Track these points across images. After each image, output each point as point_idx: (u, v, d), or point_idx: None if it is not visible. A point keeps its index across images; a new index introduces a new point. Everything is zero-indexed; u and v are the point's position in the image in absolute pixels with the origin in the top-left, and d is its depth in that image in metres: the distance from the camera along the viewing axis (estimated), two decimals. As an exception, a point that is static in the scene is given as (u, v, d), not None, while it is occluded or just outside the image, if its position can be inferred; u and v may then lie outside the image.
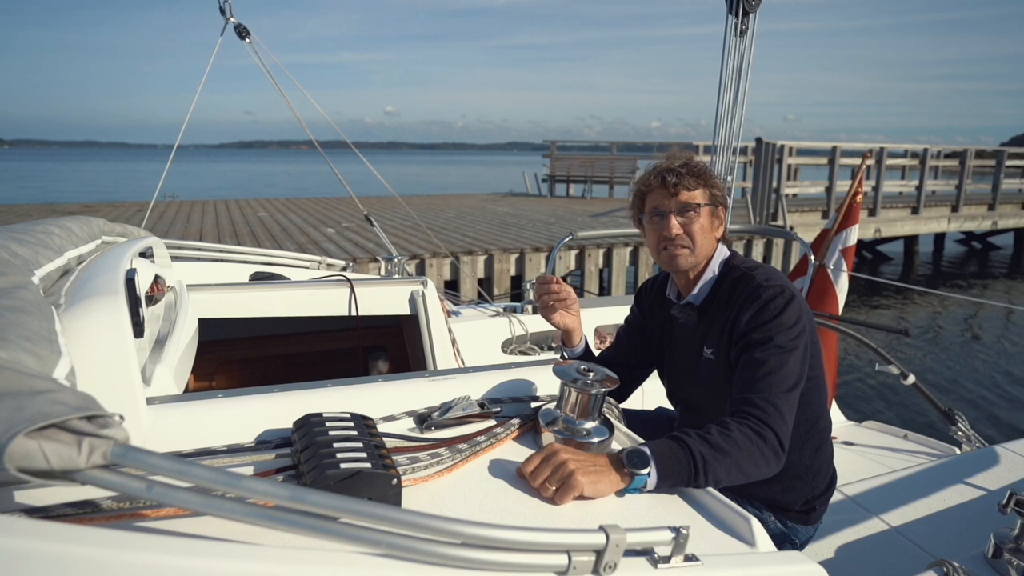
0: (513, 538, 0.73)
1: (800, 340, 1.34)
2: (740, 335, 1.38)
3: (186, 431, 1.02)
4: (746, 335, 1.37)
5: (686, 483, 1.09)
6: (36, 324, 0.83)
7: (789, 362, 1.31)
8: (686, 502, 1.04)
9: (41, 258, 1.19)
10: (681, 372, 1.61)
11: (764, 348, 1.32)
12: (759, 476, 1.21)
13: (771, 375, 1.29)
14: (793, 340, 1.33)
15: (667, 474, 1.06)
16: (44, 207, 12.76)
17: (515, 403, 1.28)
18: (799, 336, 1.34)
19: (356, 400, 1.15)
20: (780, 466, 1.24)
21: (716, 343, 1.46)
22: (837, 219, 3.44)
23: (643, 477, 1.04)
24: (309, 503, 0.68)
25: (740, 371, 1.34)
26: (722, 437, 1.17)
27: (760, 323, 1.35)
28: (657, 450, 1.08)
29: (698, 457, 1.10)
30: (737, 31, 2.70)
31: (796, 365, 1.32)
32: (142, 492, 0.65)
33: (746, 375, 1.32)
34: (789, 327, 1.34)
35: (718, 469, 1.11)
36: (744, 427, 1.21)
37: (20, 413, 0.61)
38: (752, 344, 1.34)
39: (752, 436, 1.20)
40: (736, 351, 1.39)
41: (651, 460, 1.06)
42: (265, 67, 3.43)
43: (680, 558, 0.82)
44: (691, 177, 1.46)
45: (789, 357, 1.32)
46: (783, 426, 1.25)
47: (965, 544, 1.59)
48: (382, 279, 2.39)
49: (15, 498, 0.79)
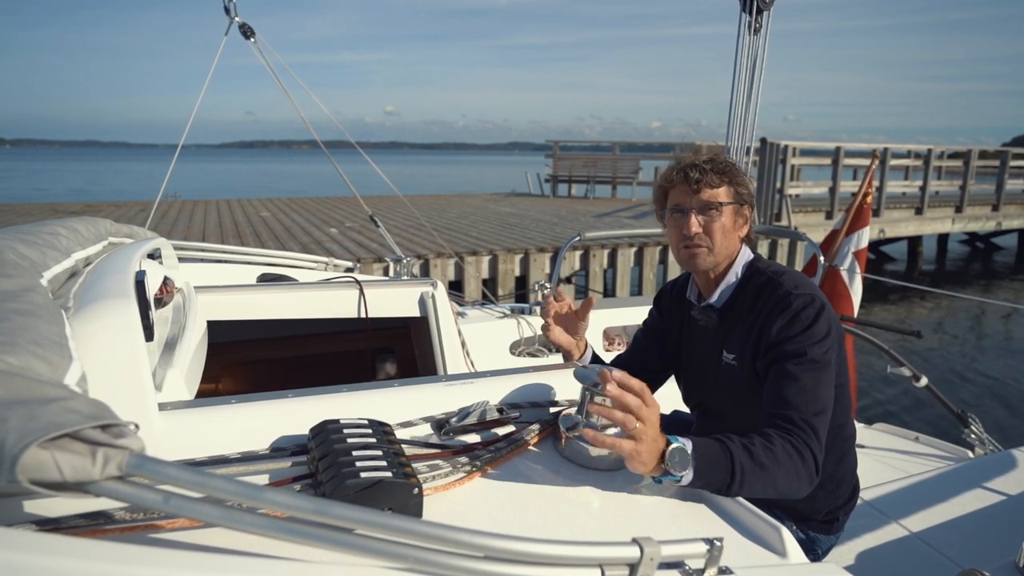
0: (542, 551, 0.71)
1: (832, 353, 1.31)
2: (770, 345, 1.33)
3: (199, 438, 0.99)
4: (777, 346, 1.32)
5: (716, 490, 1.06)
6: (46, 328, 0.80)
7: (823, 379, 1.28)
8: (714, 512, 1.02)
9: (48, 260, 1.16)
10: (698, 375, 1.57)
11: (798, 362, 1.28)
12: (790, 496, 1.18)
13: (807, 392, 1.25)
14: (826, 353, 1.29)
15: (702, 475, 1.04)
16: (46, 207, 12.75)
17: (534, 408, 1.25)
18: (831, 348, 1.31)
19: (371, 405, 1.13)
20: (812, 488, 1.20)
21: (739, 349, 1.42)
22: (846, 221, 3.41)
23: (675, 478, 1.03)
24: (331, 516, 0.65)
25: (772, 383, 1.30)
26: (765, 452, 1.13)
27: (792, 335, 1.31)
28: (699, 450, 1.06)
29: (737, 469, 1.07)
30: (751, 29, 2.66)
31: (830, 380, 1.29)
32: (158, 504, 0.62)
33: (780, 389, 1.27)
34: (822, 339, 1.30)
35: (754, 483, 1.08)
36: (788, 445, 1.18)
37: (32, 422, 0.58)
38: (785, 356, 1.30)
39: (794, 455, 1.17)
40: (766, 362, 1.34)
41: (691, 463, 1.03)
42: (270, 67, 3.41)
43: (714, 570, 0.79)
44: (715, 174, 1.40)
45: (823, 374, 1.28)
46: (820, 448, 1.22)
47: (990, 551, 1.56)
48: (391, 280, 2.37)
49: (25, 508, 0.76)
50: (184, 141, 3.48)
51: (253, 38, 3.39)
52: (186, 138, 3.48)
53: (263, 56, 3.39)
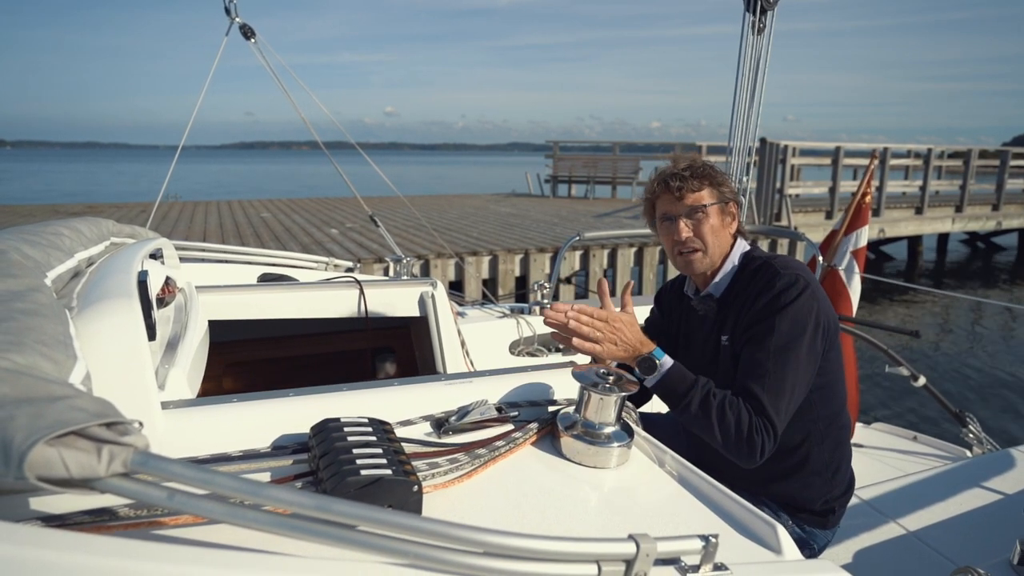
0: (540, 547, 0.72)
1: (810, 329, 1.34)
2: (751, 321, 1.38)
3: (201, 436, 1.00)
4: (756, 322, 1.37)
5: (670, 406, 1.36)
6: (51, 328, 0.81)
7: (793, 358, 1.32)
8: (711, 509, 1.03)
9: (52, 260, 1.17)
10: (698, 362, 1.59)
11: (771, 337, 1.34)
12: (723, 452, 1.32)
13: (775, 371, 1.32)
14: (802, 333, 1.33)
15: (661, 385, 1.34)
16: (48, 207, 12.76)
17: (532, 407, 1.26)
18: (810, 331, 1.34)
19: (371, 404, 1.14)
20: (755, 460, 1.31)
21: (731, 330, 1.46)
22: (845, 220, 3.41)
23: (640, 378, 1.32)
24: (333, 512, 0.66)
25: (746, 357, 1.35)
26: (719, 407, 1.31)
27: (773, 309, 1.35)
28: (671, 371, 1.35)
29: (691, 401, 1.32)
30: (755, 29, 2.66)
31: (801, 361, 1.33)
32: (162, 500, 0.63)
33: (752, 363, 1.34)
34: (801, 317, 1.34)
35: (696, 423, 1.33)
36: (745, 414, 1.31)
37: (39, 420, 0.60)
38: (761, 333, 1.35)
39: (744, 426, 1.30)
40: (745, 336, 1.39)
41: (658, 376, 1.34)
42: (270, 67, 3.42)
43: (709, 567, 0.80)
44: (695, 179, 1.45)
45: (794, 353, 1.32)
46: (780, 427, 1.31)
47: (986, 550, 1.57)
48: (391, 280, 2.38)
49: (31, 505, 0.77)
50: (184, 142, 3.48)
51: (253, 39, 3.40)
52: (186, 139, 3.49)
53: (263, 57, 3.40)
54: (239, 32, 3.36)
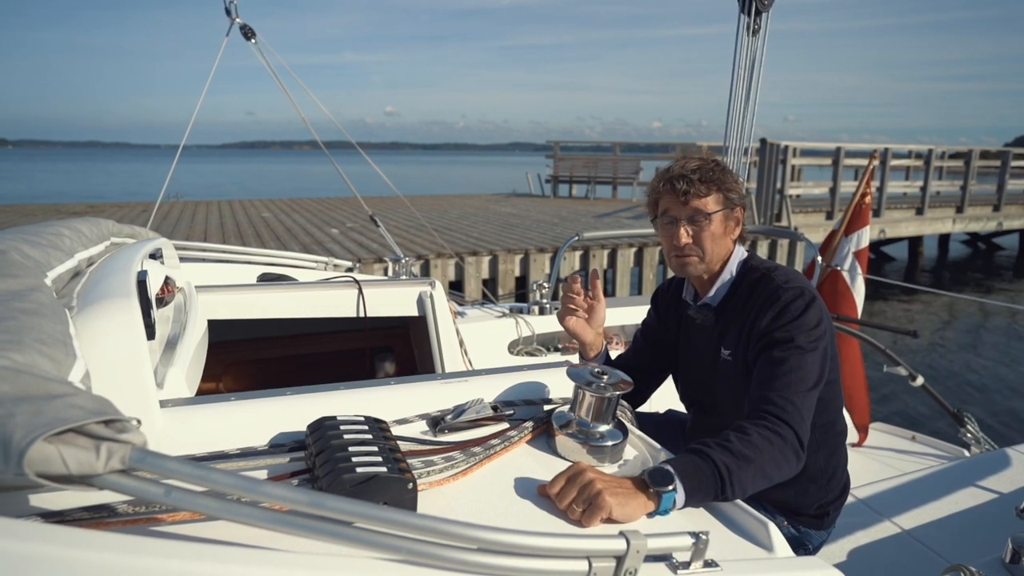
0: (532, 543, 0.73)
1: (821, 342, 1.33)
2: (760, 335, 1.37)
3: (199, 434, 1.01)
4: (766, 335, 1.35)
5: (714, 497, 1.06)
6: (51, 327, 0.82)
7: (808, 362, 1.30)
8: (703, 507, 1.04)
9: (52, 260, 1.18)
10: (697, 373, 1.60)
11: (784, 348, 1.31)
12: (782, 477, 1.19)
13: (791, 374, 1.28)
14: (814, 341, 1.32)
15: (694, 490, 1.03)
16: (49, 207, 12.78)
17: (528, 406, 1.27)
18: (820, 338, 1.33)
19: (368, 403, 1.15)
20: (801, 465, 1.22)
21: (734, 344, 1.45)
22: (844, 220, 3.41)
23: (671, 495, 1.00)
24: (328, 508, 0.67)
25: (759, 370, 1.33)
26: (742, 443, 1.14)
27: (781, 324, 1.34)
28: (680, 467, 1.04)
29: (722, 468, 1.06)
30: (750, 31, 2.67)
31: (816, 365, 1.31)
32: (160, 497, 0.64)
33: (765, 373, 1.31)
34: (810, 328, 1.33)
35: (744, 478, 1.08)
36: (762, 428, 1.19)
37: (38, 418, 0.61)
38: (772, 344, 1.33)
39: (772, 437, 1.18)
40: (755, 351, 1.37)
41: (675, 476, 1.01)
42: (271, 68, 3.43)
43: (700, 564, 0.81)
44: (702, 184, 1.42)
45: (809, 357, 1.31)
46: (802, 424, 1.24)
47: (980, 548, 1.58)
48: (390, 280, 2.39)
49: (30, 501, 0.78)
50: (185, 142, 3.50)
51: (254, 39, 3.41)
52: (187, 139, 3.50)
53: (264, 57, 3.40)
54: (240, 32, 3.37)
